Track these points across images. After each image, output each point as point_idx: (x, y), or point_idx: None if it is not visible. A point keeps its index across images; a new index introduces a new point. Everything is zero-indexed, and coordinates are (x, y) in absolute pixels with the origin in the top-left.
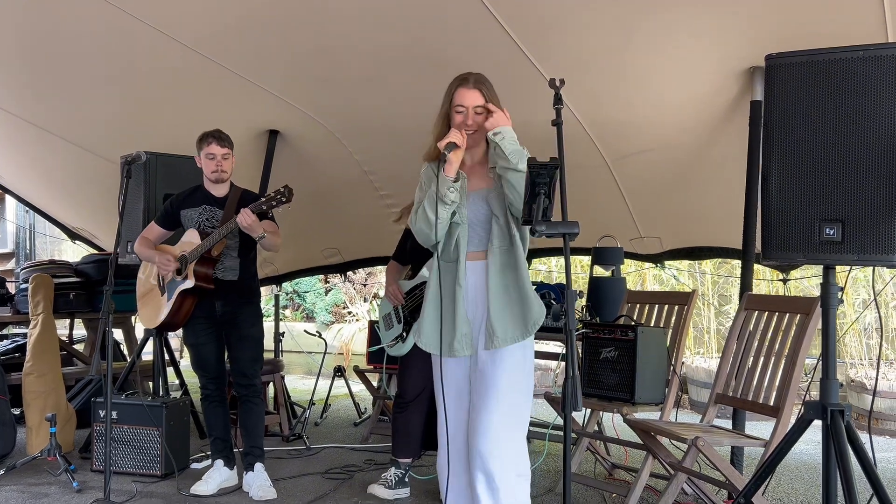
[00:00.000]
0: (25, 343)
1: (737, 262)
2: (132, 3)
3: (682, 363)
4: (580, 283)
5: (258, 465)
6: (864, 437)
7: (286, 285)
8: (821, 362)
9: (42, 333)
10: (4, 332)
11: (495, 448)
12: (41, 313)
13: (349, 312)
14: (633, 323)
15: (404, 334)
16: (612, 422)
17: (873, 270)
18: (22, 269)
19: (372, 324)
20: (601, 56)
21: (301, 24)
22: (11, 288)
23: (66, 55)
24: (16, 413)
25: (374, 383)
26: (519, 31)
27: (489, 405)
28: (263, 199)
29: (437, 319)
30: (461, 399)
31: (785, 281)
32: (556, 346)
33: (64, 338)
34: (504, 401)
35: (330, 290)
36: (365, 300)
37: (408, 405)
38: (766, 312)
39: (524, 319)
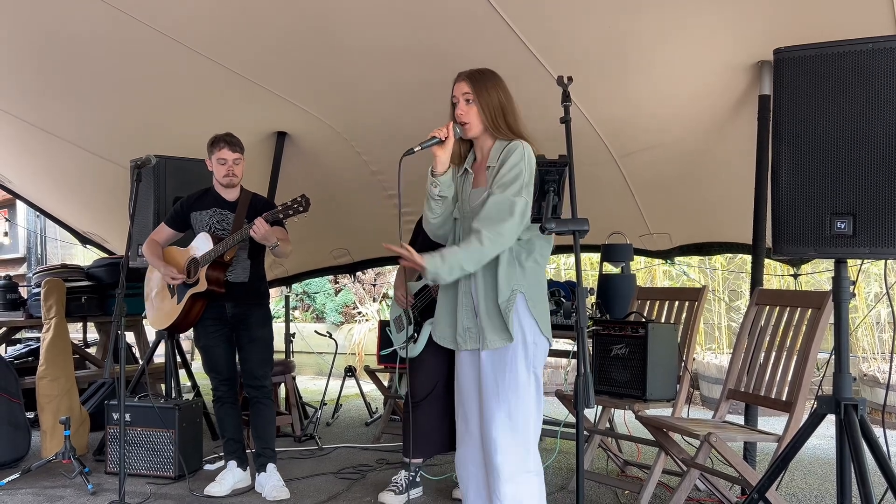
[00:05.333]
0: (39, 347)
1: (747, 258)
2: (140, 8)
3: (693, 359)
4: (590, 280)
5: (270, 466)
6: (877, 430)
7: (296, 286)
8: (833, 357)
9: (55, 337)
10: (18, 336)
11: (501, 443)
12: (54, 317)
13: (359, 312)
14: (643, 319)
15: (416, 335)
16: (624, 419)
17: (885, 264)
18: (34, 274)
19: (382, 324)
20: (607, 52)
21: (308, 26)
22: (24, 292)
23: (74, 60)
24: (30, 416)
25: (385, 383)
26: (525, 28)
27: (493, 401)
28: (280, 208)
29: (446, 314)
30: (477, 393)
31: (796, 276)
32: (566, 344)
33: (76, 341)
34: (505, 397)
35: (340, 291)
36: (374, 300)
37: (418, 405)
38: (778, 307)
39: (502, 321)
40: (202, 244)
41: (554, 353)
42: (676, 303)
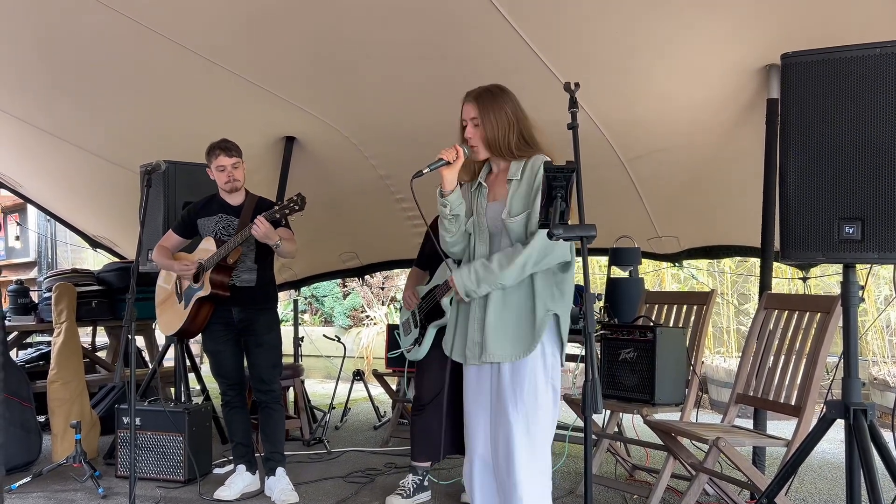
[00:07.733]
0: (49, 351)
1: (756, 261)
2: (149, 15)
3: (702, 363)
4: (598, 284)
5: (280, 470)
6: (887, 435)
7: (304, 290)
8: (843, 361)
9: (66, 341)
10: (29, 340)
11: (520, 459)
12: (64, 321)
13: (367, 316)
14: (651, 323)
15: (421, 338)
16: (633, 423)
17: (895, 268)
18: (45, 279)
19: (390, 328)
20: (615, 56)
21: (316, 31)
22: (35, 297)
23: (85, 66)
24: (41, 420)
25: (393, 386)
26: (532, 33)
27: (508, 418)
28: (276, 208)
29: (459, 326)
30: (487, 407)
31: (805, 279)
32: (574, 348)
33: (87, 345)
34: (524, 411)
35: (348, 295)
36: (383, 304)
37: (424, 408)
38: (787, 311)
39: (526, 337)
40: (206, 248)
41: None
42: (685, 306)
